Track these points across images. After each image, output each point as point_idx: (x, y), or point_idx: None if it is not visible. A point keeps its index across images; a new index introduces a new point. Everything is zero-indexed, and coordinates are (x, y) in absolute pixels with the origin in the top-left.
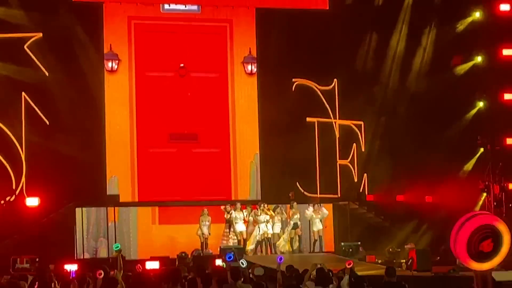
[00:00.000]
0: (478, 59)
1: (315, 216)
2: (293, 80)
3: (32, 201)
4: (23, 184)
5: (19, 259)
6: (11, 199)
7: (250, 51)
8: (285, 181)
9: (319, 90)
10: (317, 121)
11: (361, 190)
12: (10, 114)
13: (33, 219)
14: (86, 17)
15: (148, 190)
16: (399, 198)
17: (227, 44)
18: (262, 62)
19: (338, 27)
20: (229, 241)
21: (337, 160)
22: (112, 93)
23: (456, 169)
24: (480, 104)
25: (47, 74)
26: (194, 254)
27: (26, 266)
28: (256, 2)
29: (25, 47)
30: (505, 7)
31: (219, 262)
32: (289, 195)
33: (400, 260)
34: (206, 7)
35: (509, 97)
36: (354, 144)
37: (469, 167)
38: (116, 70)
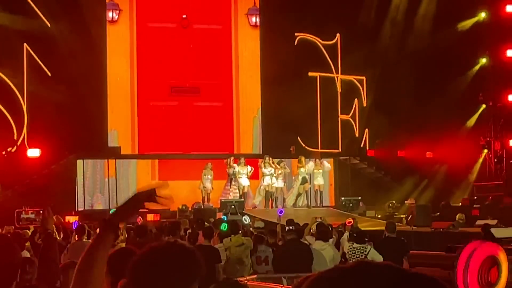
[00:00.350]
0: (481, 16)
1: (316, 170)
2: (295, 34)
3: (34, 152)
4: (24, 135)
5: (23, 211)
6: (13, 150)
7: (254, 2)
8: (287, 135)
9: (322, 44)
10: (319, 75)
11: (362, 145)
12: (12, 65)
13: (34, 170)
14: None
15: (148, 144)
16: (400, 153)
17: None
18: (265, 16)
19: None
20: (230, 195)
21: (339, 115)
22: (113, 45)
23: (458, 126)
24: (483, 61)
25: (49, 25)
26: (194, 207)
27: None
28: None
29: None
30: None
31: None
32: (290, 149)
33: (400, 215)
34: None
35: None
36: (355, 99)
37: (470, 123)
38: (116, 21)
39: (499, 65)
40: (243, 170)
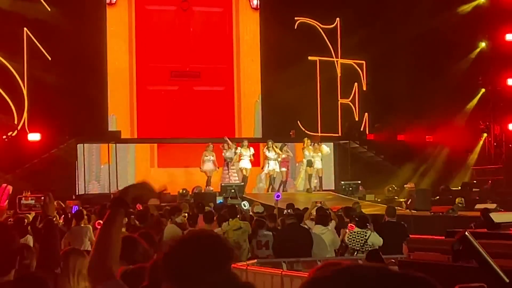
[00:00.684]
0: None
1: (315, 154)
2: (295, 18)
3: (34, 136)
4: (25, 119)
5: (24, 198)
6: (13, 134)
7: None
8: (286, 120)
9: (321, 28)
10: (319, 59)
11: (361, 129)
12: (12, 49)
13: (34, 154)
14: None
15: (148, 130)
16: (399, 137)
17: None
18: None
19: None
20: (230, 179)
21: (338, 99)
22: (112, 28)
23: (457, 109)
24: (483, 45)
25: (49, 9)
26: (195, 191)
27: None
28: None
29: None
30: None
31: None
32: (290, 133)
33: (399, 199)
34: None
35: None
36: (355, 83)
37: (470, 107)
38: (115, 3)
39: (499, 49)
40: (246, 152)
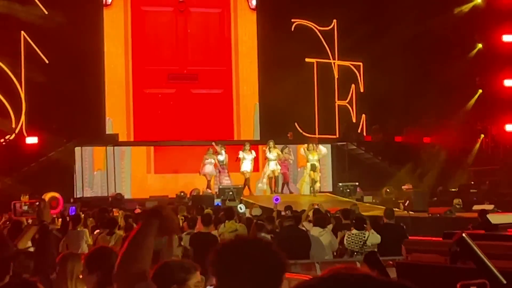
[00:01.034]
0: (478, 0)
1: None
2: (292, 20)
3: (32, 139)
4: (22, 122)
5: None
6: (11, 138)
7: None
8: (284, 121)
9: (318, 30)
10: (316, 61)
11: (359, 131)
12: (10, 52)
13: (32, 158)
14: None
15: (144, 134)
16: (397, 139)
17: None
18: (262, 1)
19: None
20: (222, 182)
21: (336, 101)
22: (108, 30)
23: (454, 110)
24: (480, 46)
25: (46, 12)
26: (193, 193)
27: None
28: None
29: None
30: None
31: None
32: (288, 135)
33: (397, 201)
34: None
35: (508, 38)
36: (352, 84)
37: (467, 108)
38: (110, 4)
39: (495, 50)
40: (247, 156)
